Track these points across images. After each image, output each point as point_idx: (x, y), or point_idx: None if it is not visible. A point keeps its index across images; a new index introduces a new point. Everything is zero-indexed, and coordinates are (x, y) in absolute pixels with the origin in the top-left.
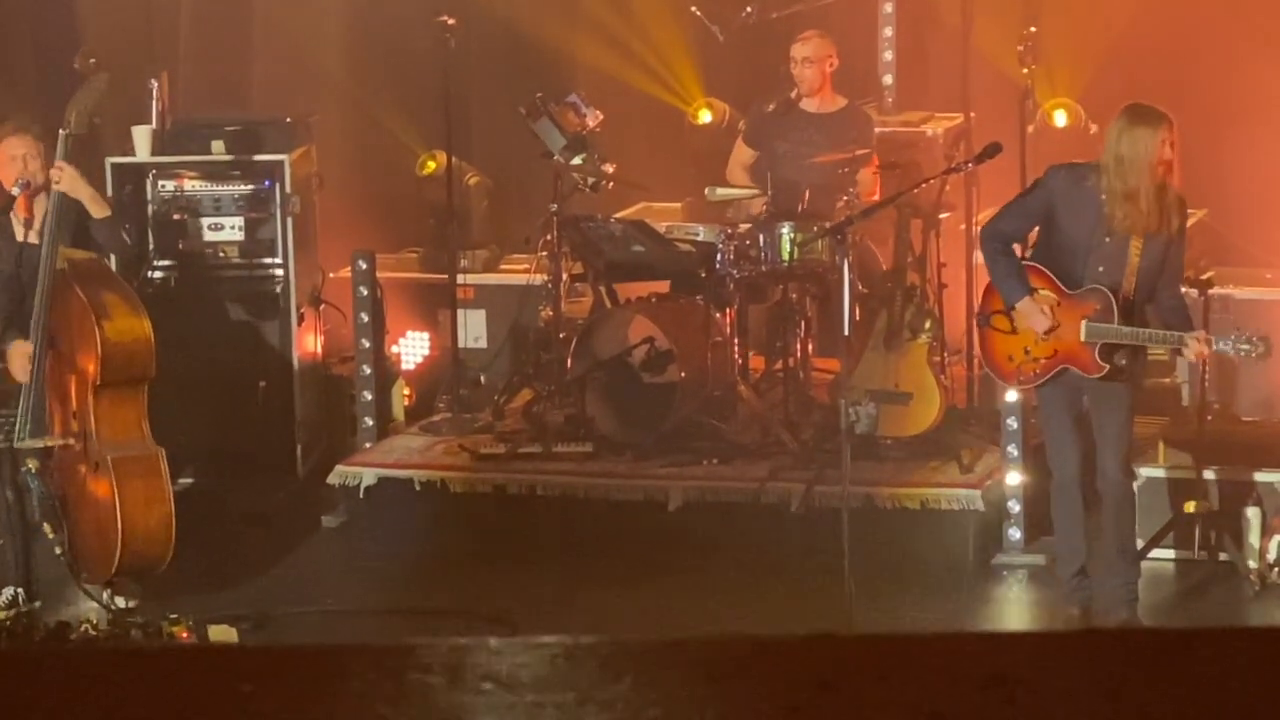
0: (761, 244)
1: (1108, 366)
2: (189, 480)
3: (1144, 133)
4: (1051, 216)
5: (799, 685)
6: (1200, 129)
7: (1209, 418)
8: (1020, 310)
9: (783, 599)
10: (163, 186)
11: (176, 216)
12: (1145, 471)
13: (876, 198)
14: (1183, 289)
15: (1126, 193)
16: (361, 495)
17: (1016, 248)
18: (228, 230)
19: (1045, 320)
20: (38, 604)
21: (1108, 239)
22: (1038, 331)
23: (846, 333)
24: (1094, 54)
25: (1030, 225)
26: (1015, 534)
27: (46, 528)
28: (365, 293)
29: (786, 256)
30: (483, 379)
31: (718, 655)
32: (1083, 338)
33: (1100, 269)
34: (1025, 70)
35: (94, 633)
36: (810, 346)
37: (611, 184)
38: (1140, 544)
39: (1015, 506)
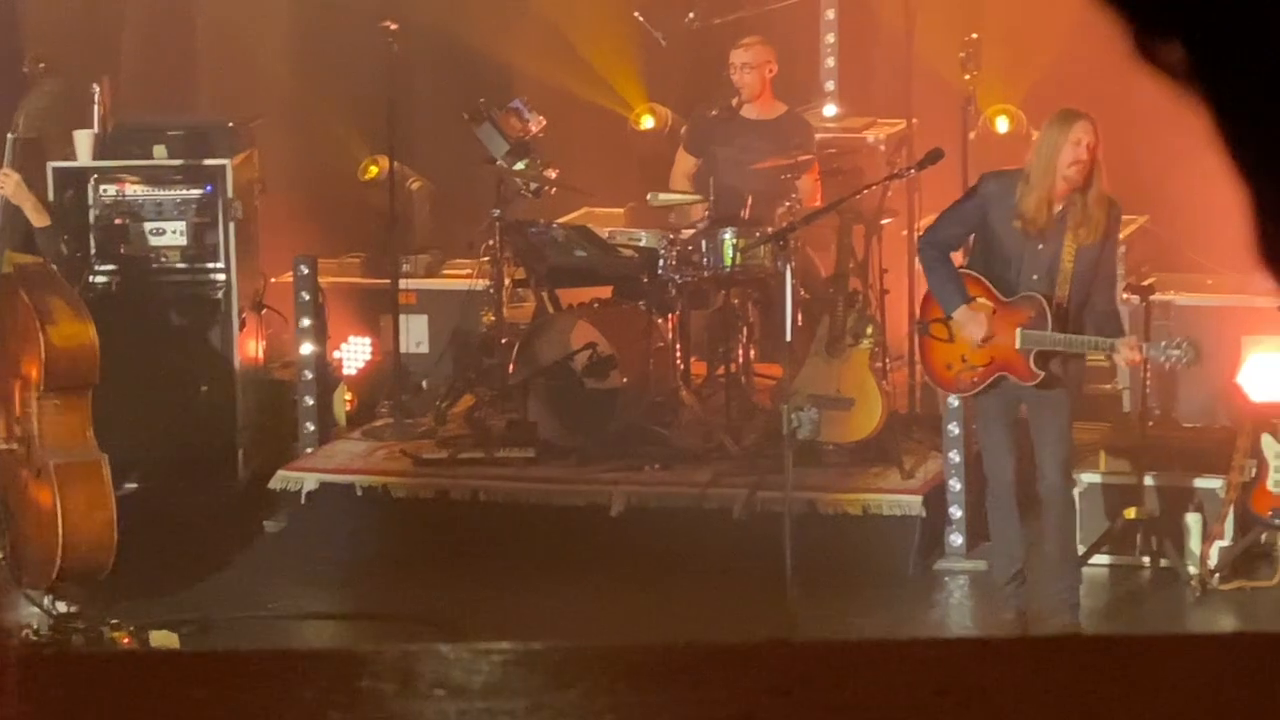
0: (704, 249)
1: (1042, 374)
2: (132, 485)
3: (1053, 133)
4: (985, 224)
5: (752, 692)
6: (1142, 135)
7: (1150, 424)
8: (957, 319)
9: (725, 604)
10: (104, 191)
11: (118, 221)
12: (1086, 477)
13: (818, 203)
14: (1124, 295)
15: (1033, 194)
16: (303, 500)
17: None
18: (170, 235)
19: (981, 329)
20: None
21: (1041, 246)
22: (974, 340)
23: (789, 338)
24: (1036, 60)
25: (966, 232)
26: (957, 539)
27: None
28: (307, 298)
29: (729, 262)
30: (425, 384)
31: (671, 661)
32: (1018, 345)
33: (1035, 277)
34: (967, 76)
35: (35, 638)
36: (752, 352)
37: (554, 189)
38: (1081, 549)
39: (957, 512)
